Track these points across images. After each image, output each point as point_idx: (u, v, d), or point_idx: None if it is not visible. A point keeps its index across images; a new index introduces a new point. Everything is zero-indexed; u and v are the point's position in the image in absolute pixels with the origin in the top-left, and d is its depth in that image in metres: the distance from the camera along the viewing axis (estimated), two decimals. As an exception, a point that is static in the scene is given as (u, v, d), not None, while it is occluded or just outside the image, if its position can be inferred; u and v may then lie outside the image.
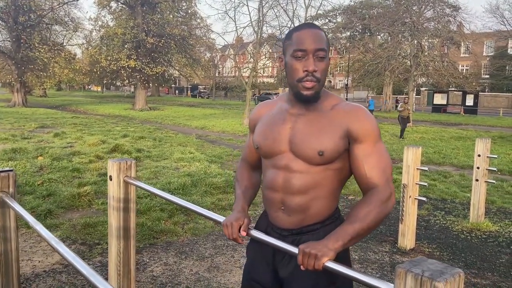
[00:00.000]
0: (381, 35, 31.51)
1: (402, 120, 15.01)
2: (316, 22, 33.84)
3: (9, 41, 29.65)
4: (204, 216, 1.90)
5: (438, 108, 32.91)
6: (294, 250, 1.39)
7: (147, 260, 3.84)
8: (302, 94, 1.47)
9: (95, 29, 29.87)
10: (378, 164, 1.45)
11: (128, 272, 2.57)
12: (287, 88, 1.61)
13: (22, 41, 28.06)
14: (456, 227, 5.05)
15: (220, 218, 1.74)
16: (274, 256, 1.60)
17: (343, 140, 1.46)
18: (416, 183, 4.29)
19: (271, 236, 1.54)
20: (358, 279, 1.18)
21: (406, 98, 17.13)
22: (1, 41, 30.52)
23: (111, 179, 2.47)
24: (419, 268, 1.02)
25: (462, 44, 31.09)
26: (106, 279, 2.82)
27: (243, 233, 1.56)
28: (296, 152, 1.49)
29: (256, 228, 1.67)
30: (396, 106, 36.85)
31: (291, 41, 1.48)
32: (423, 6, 25.34)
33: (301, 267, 1.31)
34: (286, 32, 1.66)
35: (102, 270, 3.55)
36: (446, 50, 32.67)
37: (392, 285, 1.07)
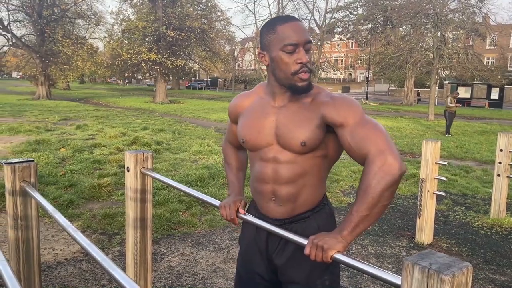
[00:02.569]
0: (403, 27, 30.91)
1: (449, 115, 13.92)
2: (336, 15, 33.45)
3: (33, 35, 30.32)
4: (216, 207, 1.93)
5: (461, 102, 32.03)
6: (293, 237, 1.43)
7: (165, 251, 3.91)
8: (298, 86, 1.48)
9: (117, 23, 30.25)
10: (365, 136, 1.38)
11: (145, 262, 2.62)
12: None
13: (46, 35, 28.65)
14: (476, 223, 4.96)
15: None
16: (267, 245, 1.63)
17: (320, 128, 1.47)
18: (434, 178, 4.23)
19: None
20: (366, 271, 1.18)
21: (456, 93, 16.20)
22: (26, 35, 31.22)
23: (128, 171, 2.52)
24: (426, 261, 1.01)
25: (488, 36, 30.24)
26: (124, 268, 2.89)
27: (242, 211, 1.65)
28: (283, 144, 1.52)
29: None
30: (418, 100, 36.20)
31: (277, 35, 1.46)
32: (447, -3, 24.75)
33: (311, 257, 1.33)
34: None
35: (121, 259, 3.63)
36: (470, 42, 31.82)
37: (400, 277, 1.07)
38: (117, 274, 1.23)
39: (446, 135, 13.75)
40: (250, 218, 1.63)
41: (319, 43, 33.32)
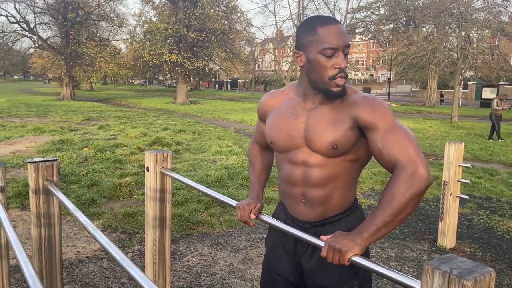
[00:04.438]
0: (427, 27, 30.38)
1: (496, 119, 12.90)
2: (357, 15, 33.10)
3: (59, 37, 31.06)
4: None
5: (486, 103, 31.34)
6: (311, 239, 1.41)
7: (184, 250, 3.94)
8: (333, 91, 1.45)
9: (139, 25, 30.68)
10: (396, 143, 1.37)
11: (164, 261, 2.64)
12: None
13: (70, 37, 29.31)
14: (501, 227, 4.83)
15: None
16: (296, 247, 1.62)
17: (353, 130, 1.45)
18: (457, 180, 4.14)
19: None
20: (385, 274, 1.16)
21: (503, 95, 15.23)
22: (51, 37, 32.00)
23: (148, 170, 2.54)
24: (447, 265, 0.98)
25: (514, 36, 29.39)
26: (143, 267, 2.92)
27: (253, 216, 1.65)
28: (312, 146, 1.49)
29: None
30: (442, 101, 35.50)
31: (317, 37, 1.42)
32: (472, -4, 24.22)
33: (327, 260, 1.31)
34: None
35: (141, 258, 3.67)
36: (496, 42, 31.04)
37: (419, 282, 1.05)
38: (135, 273, 1.24)
39: (500, 140, 12.73)
40: (268, 219, 1.62)
41: (340, 43, 32.96)
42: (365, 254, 1.46)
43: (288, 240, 1.63)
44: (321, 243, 1.35)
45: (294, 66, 35.04)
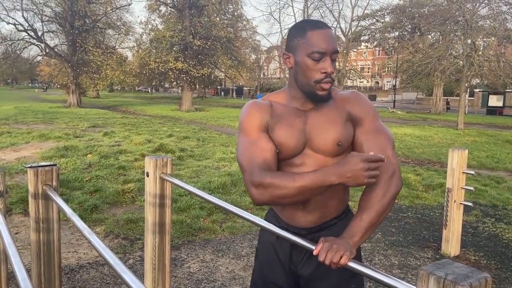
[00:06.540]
0: (432, 34, 30.36)
1: None
2: (363, 22, 33.20)
3: (65, 45, 31.32)
4: (234, 213, 1.91)
5: (493, 111, 31.25)
6: (309, 245, 1.38)
7: (185, 257, 3.92)
8: (318, 94, 1.45)
9: (145, 33, 30.94)
10: (377, 144, 1.45)
11: (163, 267, 2.62)
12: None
13: (77, 45, 29.57)
14: (507, 235, 4.77)
15: (255, 219, 1.71)
16: (291, 256, 1.59)
17: (350, 125, 1.49)
18: (461, 187, 4.10)
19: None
20: (379, 279, 1.14)
21: None
22: (58, 45, 32.31)
23: (148, 176, 2.53)
24: (442, 270, 0.97)
25: (521, 43, 29.25)
26: (143, 273, 2.90)
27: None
28: (315, 147, 1.48)
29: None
30: (448, 108, 35.31)
31: (306, 39, 1.42)
32: (477, 4, 24.18)
33: (325, 262, 1.26)
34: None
35: (142, 264, 3.65)
36: (502, 50, 30.92)
37: (414, 287, 1.03)
38: (127, 278, 1.23)
39: None
40: (274, 229, 1.57)
41: (345, 51, 33.09)
42: (358, 257, 1.45)
43: (281, 249, 1.60)
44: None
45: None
